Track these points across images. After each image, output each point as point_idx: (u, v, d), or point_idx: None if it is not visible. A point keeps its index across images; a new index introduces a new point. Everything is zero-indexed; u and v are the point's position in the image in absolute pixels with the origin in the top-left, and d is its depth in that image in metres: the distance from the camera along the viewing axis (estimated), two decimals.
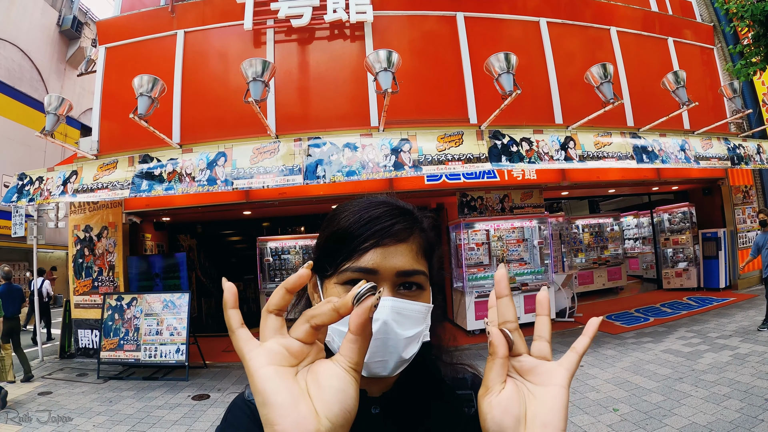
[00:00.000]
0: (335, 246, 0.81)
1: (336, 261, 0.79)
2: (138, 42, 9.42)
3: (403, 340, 0.77)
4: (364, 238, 0.78)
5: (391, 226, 0.79)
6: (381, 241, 0.78)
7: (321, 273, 0.84)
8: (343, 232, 0.80)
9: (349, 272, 0.77)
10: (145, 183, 6.72)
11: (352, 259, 0.77)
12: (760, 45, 6.98)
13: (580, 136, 7.35)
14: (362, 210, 0.82)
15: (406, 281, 0.80)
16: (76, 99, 20.14)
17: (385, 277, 0.77)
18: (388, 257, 0.77)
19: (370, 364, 0.76)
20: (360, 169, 6.35)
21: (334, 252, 0.80)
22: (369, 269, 0.77)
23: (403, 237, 0.80)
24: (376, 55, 6.10)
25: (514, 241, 10.05)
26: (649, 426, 4.47)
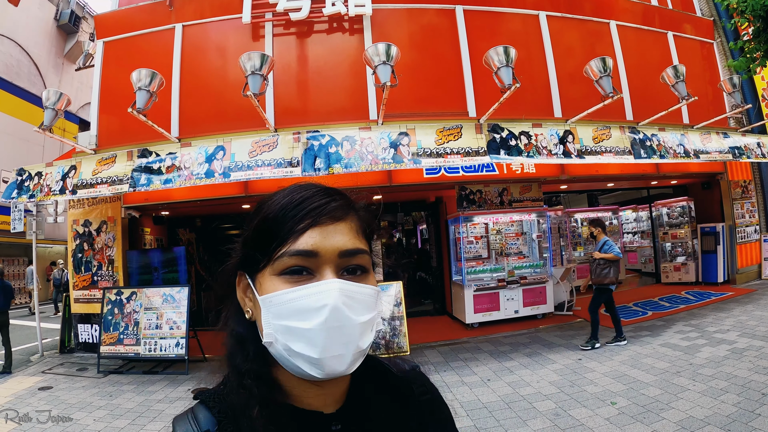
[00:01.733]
0: (266, 233, 0.73)
1: (269, 249, 0.72)
2: (136, 36, 9.38)
3: (359, 326, 0.71)
4: (299, 218, 0.71)
5: (327, 203, 0.73)
6: (318, 219, 0.72)
7: (251, 269, 0.76)
8: (274, 216, 0.73)
9: (286, 257, 0.70)
10: (143, 177, 6.71)
11: (287, 243, 0.71)
12: (761, 40, 6.96)
13: (579, 129, 7.35)
14: (292, 192, 0.76)
15: (349, 264, 0.74)
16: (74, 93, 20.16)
17: (327, 260, 0.71)
18: (328, 237, 0.71)
19: (325, 360, 0.68)
20: (359, 161, 6.35)
21: (265, 240, 0.73)
22: (308, 251, 0.70)
23: (340, 215, 0.74)
24: (375, 49, 6.09)
25: (512, 235, 10.07)
26: (646, 419, 4.49)
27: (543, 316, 9.52)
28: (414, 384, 0.93)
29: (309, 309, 0.68)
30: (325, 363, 0.68)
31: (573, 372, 6.15)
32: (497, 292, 9.27)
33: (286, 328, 0.69)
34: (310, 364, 0.68)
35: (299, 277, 0.71)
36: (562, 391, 5.48)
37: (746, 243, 11.76)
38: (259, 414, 0.70)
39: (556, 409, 4.97)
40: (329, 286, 0.69)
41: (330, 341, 0.68)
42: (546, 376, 6.05)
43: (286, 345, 0.69)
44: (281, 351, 0.70)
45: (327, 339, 0.68)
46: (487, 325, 9.11)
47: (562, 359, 6.75)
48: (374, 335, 0.76)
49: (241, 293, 0.79)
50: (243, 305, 0.79)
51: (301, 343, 0.68)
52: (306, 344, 0.68)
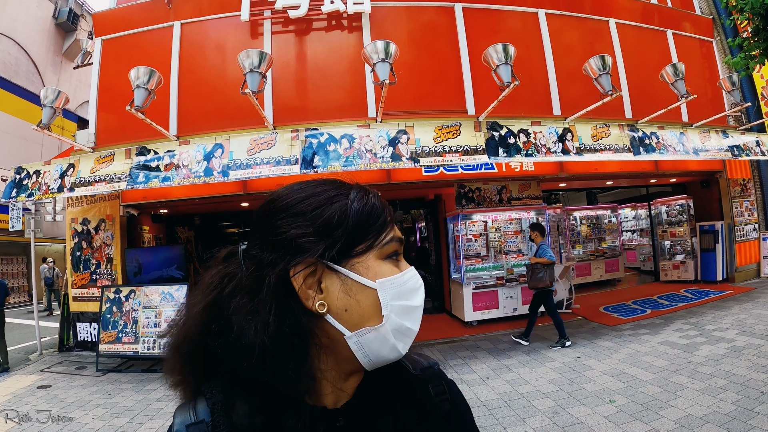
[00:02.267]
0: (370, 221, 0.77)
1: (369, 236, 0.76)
2: (134, 34, 9.36)
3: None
4: (387, 213, 0.80)
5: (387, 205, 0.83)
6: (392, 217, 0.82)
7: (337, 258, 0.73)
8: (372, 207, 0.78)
9: (394, 242, 0.79)
10: (142, 175, 6.71)
11: (388, 232, 0.78)
12: (760, 38, 6.95)
13: (578, 127, 7.34)
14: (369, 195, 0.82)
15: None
16: (72, 92, 20.17)
17: (402, 246, 0.82)
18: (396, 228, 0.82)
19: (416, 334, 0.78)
20: (357, 159, 6.34)
21: (367, 227, 0.76)
22: (401, 238, 0.81)
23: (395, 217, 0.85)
24: (374, 46, 6.08)
25: (511, 233, 10.05)
26: (645, 417, 4.48)
27: (542, 314, 9.50)
28: (431, 383, 0.90)
29: (413, 288, 0.78)
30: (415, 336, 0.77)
31: (572, 370, 6.15)
32: (496, 290, 9.26)
33: (402, 307, 0.75)
34: (408, 340, 0.76)
35: (395, 261, 0.79)
36: (561, 389, 5.48)
37: (745, 241, 11.76)
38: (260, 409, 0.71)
39: (555, 407, 4.97)
40: (415, 270, 0.80)
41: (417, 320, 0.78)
42: (545, 374, 6.05)
43: (399, 323, 0.74)
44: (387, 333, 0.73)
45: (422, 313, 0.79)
46: (485, 323, 9.11)
47: (560, 357, 6.75)
48: None
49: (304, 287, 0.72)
50: (306, 301, 0.72)
51: (410, 320, 0.76)
52: (413, 320, 0.76)
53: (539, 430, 4.47)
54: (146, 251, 9.78)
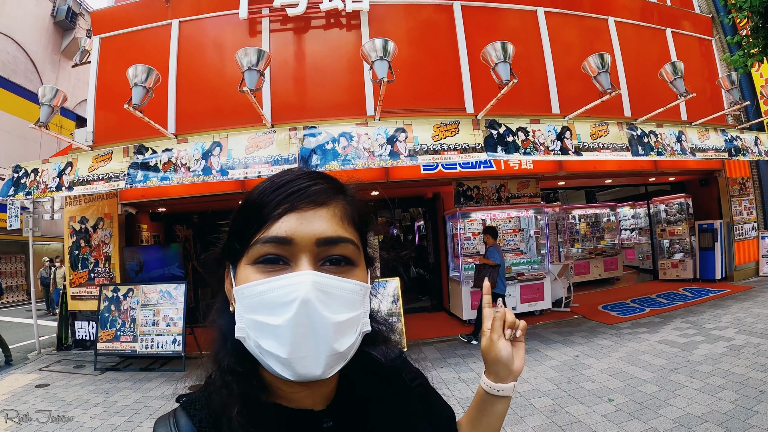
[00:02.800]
0: (244, 220, 0.70)
1: (245, 236, 0.69)
2: (133, 32, 9.33)
3: (333, 326, 0.64)
4: (277, 202, 0.67)
5: (307, 187, 0.69)
6: (296, 204, 0.67)
7: (233, 259, 0.72)
8: (253, 201, 0.70)
9: (259, 244, 0.66)
10: (140, 174, 6.70)
11: (262, 230, 0.67)
12: (759, 36, 6.94)
13: (576, 126, 7.33)
14: (274, 177, 0.73)
15: (330, 254, 0.68)
16: (71, 90, 20.15)
17: (303, 247, 0.66)
18: (305, 223, 0.67)
19: (294, 361, 0.63)
20: (355, 158, 6.33)
21: (243, 227, 0.70)
22: (282, 238, 0.65)
23: (323, 200, 0.69)
24: (372, 44, 6.06)
25: (510, 231, 10.07)
26: (643, 416, 4.48)
27: (540, 312, 9.52)
28: (404, 372, 0.92)
29: (278, 303, 0.63)
30: (295, 364, 0.63)
31: (570, 368, 6.15)
32: None
33: (256, 323, 0.65)
34: (281, 364, 0.64)
35: (274, 267, 0.66)
36: (560, 388, 5.48)
37: (744, 240, 11.76)
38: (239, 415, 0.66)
39: (553, 406, 4.97)
40: (301, 278, 0.64)
41: (299, 340, 0.63)
42: (543, 373, 6.05)
43: (257, 342, 0.65)
44: (252, 348, 0.66)
45: (295, 337, 0.63)
46: None
47: (559, 356, 6.75)
48: (358, 338, 0.69)
49: (228, 286, 0.75)
50: (230, 299, 0.74)
51: (270, 341, 0.63)
52: (275, 342, 0.63)
53: (538, 428, 4.46)
54: (148, 249, 9.78)
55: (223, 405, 0.68)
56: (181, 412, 0.73)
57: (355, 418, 0.77)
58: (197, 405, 0.73)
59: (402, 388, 0.88)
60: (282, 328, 0.63)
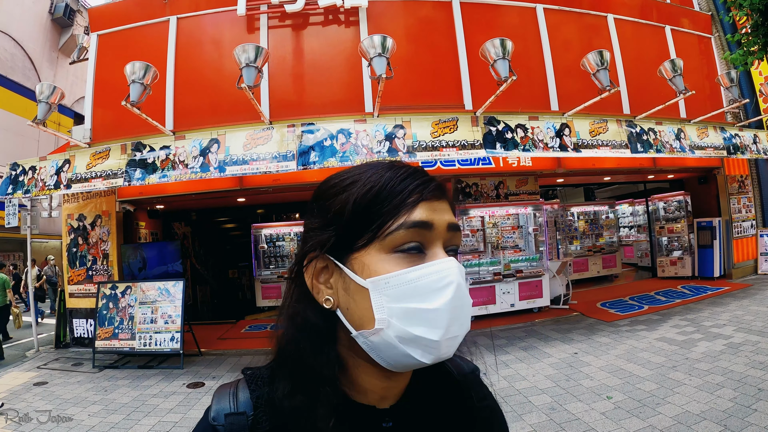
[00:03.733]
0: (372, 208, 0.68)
1: (373, 225, 0.67)
2: (130, 29, 9.30)
3: (470, 306, 0.70)
4: (408, 192, 0.68)
5: (430, 181, 0.71)
6: (426, 194, 0.69)
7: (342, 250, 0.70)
8: (380, 189, 0.68)
9: (402, 230, 0.66)
10: (138, 171, 6.69)
11: (399, 217, 0.66)
12: (759, 34, 6.93)
13: (575, 123, 7.33)
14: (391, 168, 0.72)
15: (453, 242, 0.72)
16: (69, 87, 20.08)
17: (439, 234, 0.69)
18: (437, 211, 0.69)
19: (442, 343, 0.65)
20: (353, 154, 6.32)
21: (369, 216, 0.68)
22: (424, 222, 0.67)
23: (442, 193, 0.72)
24: (371, 41, 6.04)
25: (509, 228, 10.05)
26: (642, 414, 4.48)
27: (539, 309, 9.52)
28: (473, 389, 0.90)
29: (433, 288, 0.65)
30: (442, 346, 0.65)
31: (569, 366, 6.14)
32: (493, 285, 9.25)
33: (407, 311, 0.64)
34: (425, 348, 0.64)
35: (414, 256, 0.67)
36: (558, 385, 5.48)
37: (742, 238, 11.77)
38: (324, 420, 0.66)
39: (551, 403, 4.97)
40: (451, 264, 0.67)
41: (452, 322, 0.65)
42: (542, 370, 6.05)
43: (403, 330, 0.64)
44: (390, 339, 0.65)
45: (450, 319, 0.65)
46: (482, 319, 9.10)
47: (557, 353, 6.74)
48: None
49: (314, 280, 0.73)
50: (317, 295, 0.72)
51: (421, 327, 0.64)
52: (427, 327, 0.64)
53: (536, 426, 4.46)
54: (150, 246, 9.76)
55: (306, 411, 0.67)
56: (243, 385, 0.74)
57: (415, 424, 0.77)
58: (260, 381, 0.74)
59: (468, 404, 0.86)
60: (439, 311, 0.64)
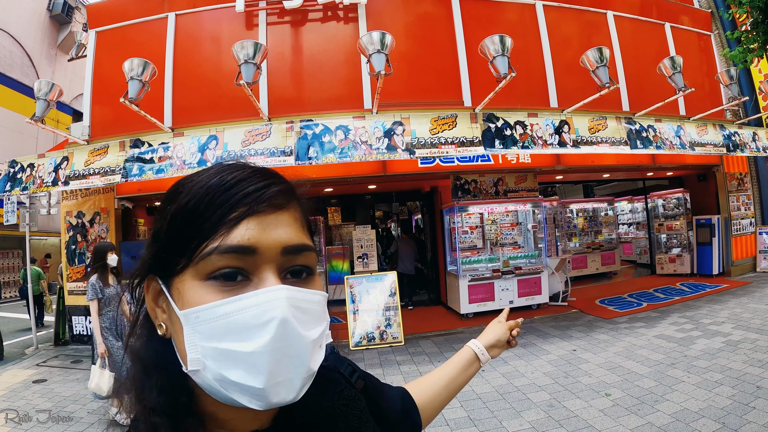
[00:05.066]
0: (187, 224, 0.57)
1: (190, 245, 0.56)
2: (129, 25, 9.28)
3: (310, 344, 0.57)
4: (230, 205, 0.57)
5: (266, 187, 0.59)
6: (255, 207, 0.57)
7: (166, 272, 0.60)
8: (198, 202, 0.57)
9: (215, 256, 0.55)
10: (136, 167, 6.67)
11: (216, 237, 0.55)
12: (759, 32, 6.93)
13: (575, 119, 7.32)
14: (221, 172, 0.61)
15: (294, 264, 0.60)
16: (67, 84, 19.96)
17: (268, 258, 0.57)
18: (268, 228, 0.58)
19: (269, 389, 0.54)
20: (352, 150, 6.31)
21: (185, 234, 0.57)
22: (245, 247, 0.55)
23: (282, 203, 0.60)
24: (370, 37, 6.03)
25: (508, 225, 10.06)
26: (641, 411, 4.48)
27: (538, 306, 9.52)
28: (341, 368, 0.84)
29: (250, 325, 0.54)
30: (269, 392, 0.54)
31: (567, 363, 6.14)
32: (492, 282, 9.25)
33: (219, 352, 0.54)
34: (250, 395, 0.54)
35: (233, 284, 0.56)
36: (557, 382, 5.48)
37: (741, 235, 11.77)
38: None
39: (550, 400, 4.97)
40: (275, 294, 0.55)
41: (277, 365, 0.54)
42: (540, 367, 6.05)
43: (219, 374, 0.54)
44: (211, 382, 0.55)
45: (273, 363, 0.54)
46: (481, 316, 9.10)
47: (556, 350, 6.75)
48: (324, 352, 0.62)
49: (152, 302, 0.63)
50: (153, 317, 0.63)
51: (239, 371, 0.53)
52: (246, 372, 0.53)
53: (535, 423, 4.46)
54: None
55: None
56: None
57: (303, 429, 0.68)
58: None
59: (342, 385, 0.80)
60: (256, 354, 0.53)
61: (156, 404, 0.57)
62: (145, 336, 0.65)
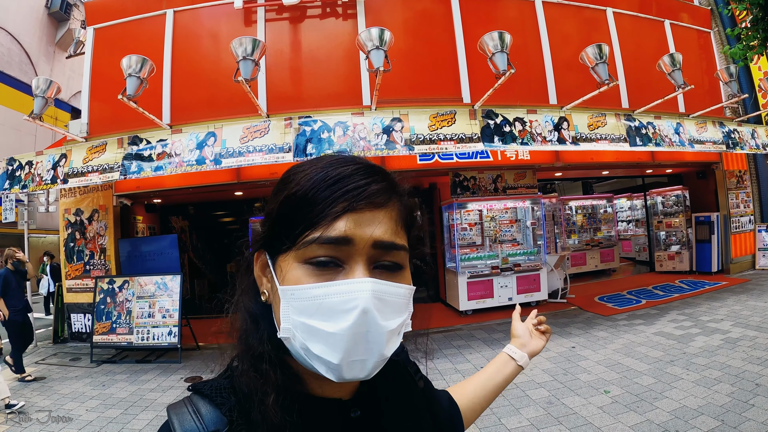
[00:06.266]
0: (293, 213, 0.65)
1: (295, 232, 0.64)
2: (127, 22, 9.24)
3: (386, 334, 0.63)
4: (332, 200, 0.62)
5: (366, 185, 0.64)
6: (354, 204, 0.63)
7: (273, 249, 0.69)
8: (304, 194, 0.64)
9: (315, 245, 0.62)
10: (134, 164, 6.65)
11: (317, 228, 0.62)
12: (758, 28, 6.91)
13: (574, 116, 7.31)
14: (327, 167, 0.66)
15: (384, 258, 0.66)
16: (66, 82, 19.98)
17: (360, 250, 0.63)
18: (364, 224, 0.63)
19: (344, 365, 0.61)
20: (351, 147, 6.30)
21: (291, 220, 0.65)
22: (341, 238, 0.62)
23: (381, 201, 0.65)
24: (368, 33, 6.00)
25: (507, 222, 10.06)
26: (639, 408, 4.48)
27: (537, 303, 9.52)
28: (408, 365, 0.93)
29: (336, 310, 0.61)
30: (344, 369, 0.62)
31: (566, 360, 6.15)
32: (491, 279, 9.25)
33: (307, 327, 0.62)
34: (327, 367, 0.62)
35: (327, 270, 0.63)
36: (556, 380, 5.48)
37: (740, 233, 11.78)
38: (275, 403, 0.63)
39: (549, 398, 4.97)
40: (361, 286, 0.62)
41: (354, 347, 0.61)
42: (539, 364, 6.05)
43: (304, 344, 0.62)
44: (298, 349, 0.64)
45: (350, 345, 0.61)
46: (480, 313, 9.11)
47: (555, 347, 6.75)
48: (401, 339, 0.69)
49: (259, 271, 0.73)
50: (260, 284, 0.73)
51: (321, 345, 0.61)
52: (327, 347, 0.61)
53: (533, 420, 4.46)
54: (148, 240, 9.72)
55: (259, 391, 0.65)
56: (201, 400, 0.68)
57: (378, 407, 0.78)
58: (223, 392, 0.68)
59: (408, 381, 0.90)
60: (337, 336, 0.61)
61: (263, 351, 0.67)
62: (251, 297, 0.75)
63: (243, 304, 0.75)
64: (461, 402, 1.10)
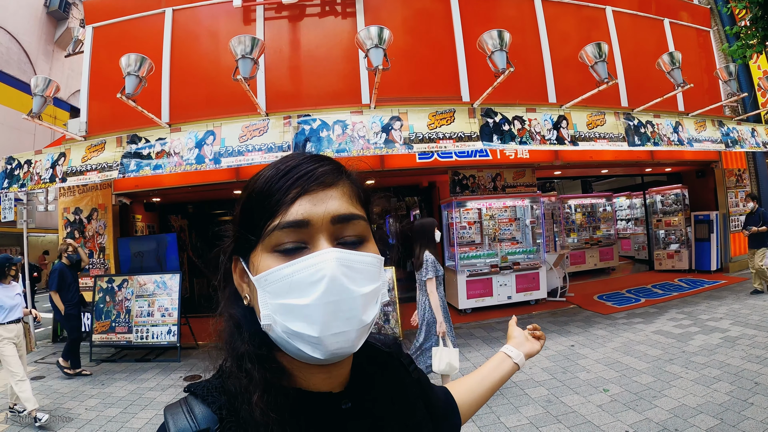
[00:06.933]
0: (254, 210, 0.70)
1: (259, 226, 0.69)
2: (126, 21, 9.22)
3: (360, 298, 0.66)
4: (286, 188, 0.68)
5: (314, 170, 0.70)
6: (306, 187, 0.68)
7: (244, 250, 0.73)
8: (260, 190, 0.70)
9: (277, 232, 0.66)
10: (133, 163, 6.64)
11: (277, 216, 0.67)
12: (758, 27, 6.90)
13: (573, 115, 7.31)
14: (277, 164, 0.72)
15: (345, 232, 0.70)
16: (65, 81, 19.95)
17: (320, 228, 0.67)
18: (318, 203, 0.68)
19: (326, 339, 0.64)
20: (350, 145, 6.30)
21: (254, 217, 0.70)
22: (299, 221, 0.66)
23: (331, 181, 0.70)
24: (368, 32, 5.99)
25: (506, 220, 10.07)
26: (638, 407, 4.49)
27: (536, 302, 9.53)
28: (401, 357, 0.95)
29: (306, 283, 0.64)
30: (326, 342, 0.64)
31: (566, 358, 6.15)
32: (490, 277, 9.26)
33: (283, 307, 0.65)
34: (311, 345, 0.64)
35: (294, 254, 0.67)
36: (555, 378, 5.48)
37: (740, 232, 11.76)
38: (260, 400, 0.65)
39: (548, 396, 4.97)
40: (325, 256, 0.65)
41: (330, 317, 0.64)
42: (538, 363, 6.05)
43: (285, 326, 0.65)
44: (281, 334, 0.66)
45: (326, 314, 0.64)
46: (479, 311, 9.12)
47: (554, 345, 6.75)
48: (379, 307, 0.72)
49: (239, 279, 0.76)
50: (241, 291, 0.76)
51: (299, 322, 0.64)
52: (305, 322, 0.64)
53: (532, 418, 4.46)
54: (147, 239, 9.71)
55: (244, 390, 0.67)
56: (195, 400, 0.71)
57: (370, 399, 0.79)
58: (214, 392, 0.71)
59: (401, 372, 0.91)
60: (312, 306, 0.63)
61: (245, 351, 0.70)
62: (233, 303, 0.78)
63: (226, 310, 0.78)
64: (458, 397, 1.13)
